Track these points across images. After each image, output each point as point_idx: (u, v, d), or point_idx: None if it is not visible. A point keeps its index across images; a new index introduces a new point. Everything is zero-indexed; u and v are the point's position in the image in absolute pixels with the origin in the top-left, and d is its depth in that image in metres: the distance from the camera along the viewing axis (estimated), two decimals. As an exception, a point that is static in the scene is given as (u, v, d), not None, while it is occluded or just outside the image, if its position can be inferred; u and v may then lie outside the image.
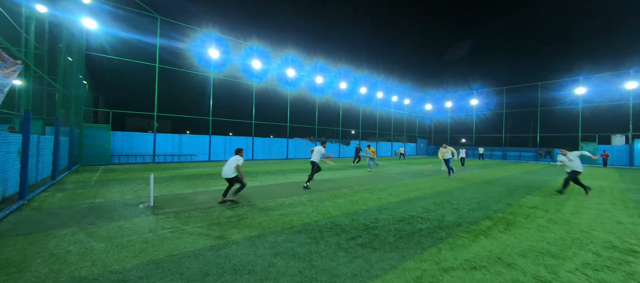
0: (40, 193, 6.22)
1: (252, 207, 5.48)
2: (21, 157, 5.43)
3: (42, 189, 6.58)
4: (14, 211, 4.70)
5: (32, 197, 5.74)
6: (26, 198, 5.36)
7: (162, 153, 16.19)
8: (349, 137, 38.96)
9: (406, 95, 34.88)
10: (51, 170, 7.99)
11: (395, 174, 12.39)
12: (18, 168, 5.69)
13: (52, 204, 5.31)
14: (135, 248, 3.27)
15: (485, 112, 33.72)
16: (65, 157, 10.21)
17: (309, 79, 23.94)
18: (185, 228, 4.06)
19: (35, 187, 6.68)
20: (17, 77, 5.13)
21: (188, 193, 6.79)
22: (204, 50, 17.52)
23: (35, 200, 5.61)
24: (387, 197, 6.89)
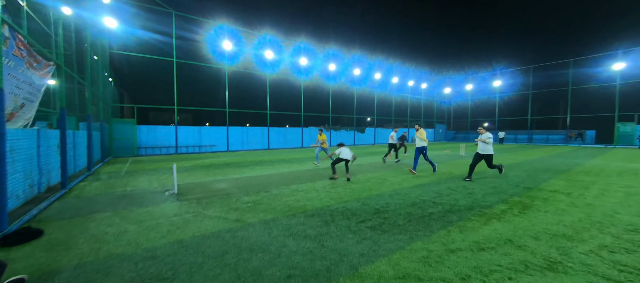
0: (79, 183, 6.87)
1: (267, 193, 5.74)
2: (60, 150, 6.00)
3: (80, 179, 7.25)
4: (58, 198, 5.27)
5: (72, 186, 6.36)
6: (67, 188, 5.96)
7: (184, 145, 17.01)
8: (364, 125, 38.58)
9: (423, 79, 33.69)
10: (87, 162, 8.74)
11: (408, 161, 12.26)
12: (59, 161, 6.31)
13: (90, 192, 5.87)
14: (163, 230, 3.60)
15: (509, 94, 31.96)
16: (98, 150, 11.05)
17: (322, 67, 23.77)
18: (206, 212, 4.37)
19: (74, 178, 7.37)
20: (51, 77, 5.60)
21: (208, 181, 7.19)
22: (217, 42, 17.85)
23: (75, 189, 6.22)
24: (400, 182, 6.91)
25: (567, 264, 2.64)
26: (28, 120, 5.21)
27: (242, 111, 19.84)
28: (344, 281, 2.35)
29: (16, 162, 4.66)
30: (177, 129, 16.61)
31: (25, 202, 4.98)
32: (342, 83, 25.66)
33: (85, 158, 8.79)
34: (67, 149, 6.08)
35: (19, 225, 3.61)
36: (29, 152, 5.19)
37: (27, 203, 4.96)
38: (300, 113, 22.32)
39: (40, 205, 4.54)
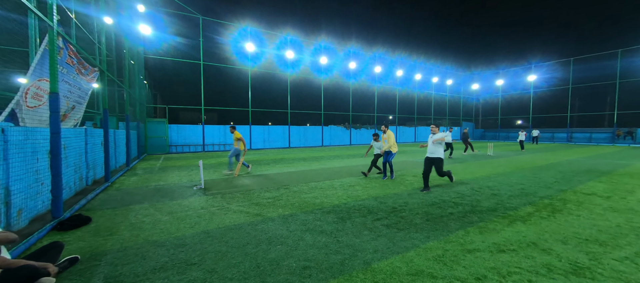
0: (119, 177, 7.57)
1: (286, 190, 5.94)
2: (104, 147, 6.67)
3: (120, 174, 7.98)
4: (102, 190, 5.88)
5: (114, 180, 7.04)
6: (110, 181, 6.61)
7: (211, 143, 17.92)
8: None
9: (449, 75, 32.29)
10: (125, 158, 9.57)
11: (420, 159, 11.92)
12: (102, 157, 7.03)
13: (129, 185, 6.47)
14: (191, 221, 3.92)
15: (545, 89, 29.65)
16: (135, 147, 12.04)
17: (342, 65, 23.71)
18: (230, 206, 4.65)
19: (115, 172, 8.14)
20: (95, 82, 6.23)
21: (234, 177, 7.57)
22: (241, 44, 18.52)
23: (116, 182, 6.88)
24: (419, 182, 6.79)
25: (596, 270, 2.50)
26: (77, 121, 5.87)
27: (264, 111, 20.42)
28: (357, 274, 2.43)
29: (68, 158, 5.27)
30: (204, 128, 17.54)
31: (76, 193, 5.63)
32: (363, 81, 25.42)
33: (124, 155, 9.62)
34: (109, 146, 6.73)
35: (71, 213, 4.12)
36: (79, 149, 5.84)
37: (77, 194, 5.60)
38: (320, 112, 22.49)
39: (88, 196, 5.11)
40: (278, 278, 2.39)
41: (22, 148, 3.57)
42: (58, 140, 3.77)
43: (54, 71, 3.67)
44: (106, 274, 2.48)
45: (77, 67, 4.66)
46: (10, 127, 3.39)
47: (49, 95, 3.66)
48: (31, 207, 3.72)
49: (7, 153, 3.34)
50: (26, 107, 3.79)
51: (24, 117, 3.84)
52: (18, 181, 3.48)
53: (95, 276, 2.45)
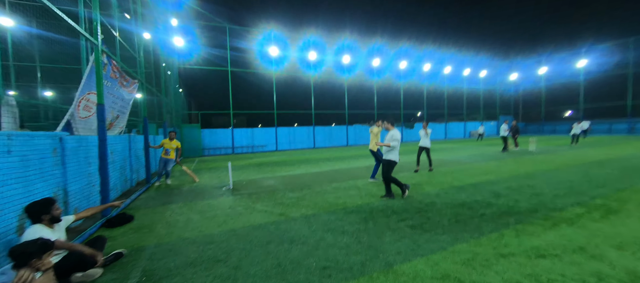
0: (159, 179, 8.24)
1: (310, 190, 5.99)
2: (144, 152, 7.31)
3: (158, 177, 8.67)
4: (144, 191, 6.44)
5: (154, 182, 7.67)
6: (150, 183, 7.23)
7: (239, 146, 18.74)
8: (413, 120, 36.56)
9: (483, 66, 30.09)
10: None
11: (463, 158, 11.22)
12: (143, 161, 7.71)
13: (167, 187, 7.01)
14: (219, 220, 4.13)
15: (599, 75, 26.34)
16: (172, 151, 13.01)
17: (366, 63, 23.33)
18: (255, 206, 4.82)
19: (154, 175, 8.86)
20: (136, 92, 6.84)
21: (258, 178, 7.84)
22: (265, 49, 19.11)
23: (156, 184, 7.49)
24: (449, 181, 6.43)
25: (660, 281, 2.16)
26: (122, 128, 6.50)
27: (289, 112, 20.84)
28: (378, 276, 2.37)
29: (115, 162, 5.87)
30: (233, 132, 18.40)
31: (122, 193, 6.24)
32: (387, 78, 24.75)
33: (163, 158, 10.45)
34: (149, 151, 7.35)
35: (117, 212, 4.57)
36: (124, 154, 6.47)
37: (123, 194, 6.20)
38: (345, 111, 22.35)
39: (132, 196, 5.63)
40: (298, 277, 2.42)
41: (76, 154, 4.05)
42: (105, 146, 4.22)
43: (100, 85, 4.11)
44: (144, 268, 2.72)
45: (119, 79, 5.18)
46: (66, 135, 3.86)
47: (97, 106, 4.11)
48: (85, 206, 4.20)
49: (65, 159, 3.81)
50: (79, 117, 4.30)
51: (78, 127, 4.35)
52: (73, 183, 3.96)
53: (135, 269, 2.70)
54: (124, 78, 5.48)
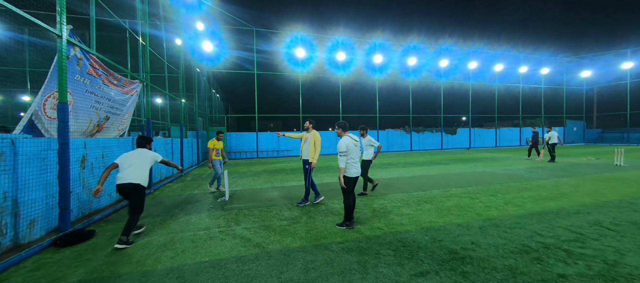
0: (167, 184, 7.92)
1: (313, 208, 4.89)
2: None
3: (170, 180, 8.41)
4: (139, 198, 6.01)
5: (159, 187, 7.33)
6: (151, 189, 6.86)
7: (264, 149, 18.43)
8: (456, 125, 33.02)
9: (544, 62, 25.69)
10: (180, 165, 10.24)
11: (522, 172, 8.99)
12: (151, 165, 7.45)
13: (164, 194, 6.55)
14: (178, 248, 3.28)
15: None
16: (194, 154, 13.03)
17: (400, 62, 21.43)
18: (236, 228, 3.89)
19: (167, 178, 8.63)
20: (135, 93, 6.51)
21: (264, 188, 6.99)
22: (292, 51, 18.62)
23: (158, 190, 7.12)
24: (501, 205, 4.75)
25: None
26: (122, 131, 6.21)
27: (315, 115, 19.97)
28: None
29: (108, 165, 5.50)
30: (257, 135, 18.18)
31: (117, 200, 5.88)
32: (424, 77, 22.40)
33: (179, 162, 10.31)
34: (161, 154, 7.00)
35: (83, 226, 4.03)
36: (122, 158, 6.14)
37: (118, 201, 5.84)
38: (376, 114, 20.71)
39: (117, 206, 5.17)
40: None
41: (37, 159, 3.58)
42: (65, 151, 3.70)
43: (63, 80, 3.62)
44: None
45: (103, 77, 4.78)
46: (22, 138, 3.40)
47: (58, 105, 3.61)
48: (45, 218, 3.70)
49: (17, 165, 3.33)
50: (47, 118, 3.88)
51: (48, 128, 3.93)
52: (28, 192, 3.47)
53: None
54: (113, 76, 5.09)
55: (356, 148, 3.84)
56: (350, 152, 3.71)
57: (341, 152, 3.67)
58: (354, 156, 3.78)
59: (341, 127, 3.95)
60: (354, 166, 3.75)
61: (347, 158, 3.69)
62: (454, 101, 25.93)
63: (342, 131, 3.93)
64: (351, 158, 3.73)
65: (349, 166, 3.72)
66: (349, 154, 3.69)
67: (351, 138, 3.80)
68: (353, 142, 3.79)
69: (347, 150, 3.67)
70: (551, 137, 12.07)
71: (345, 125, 3.96)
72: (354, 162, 3.76)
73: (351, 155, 3.73)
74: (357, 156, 3.87)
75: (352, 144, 3.76)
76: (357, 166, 3.80)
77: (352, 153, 3.73)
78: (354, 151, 3.78)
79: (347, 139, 3.76)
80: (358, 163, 3.85)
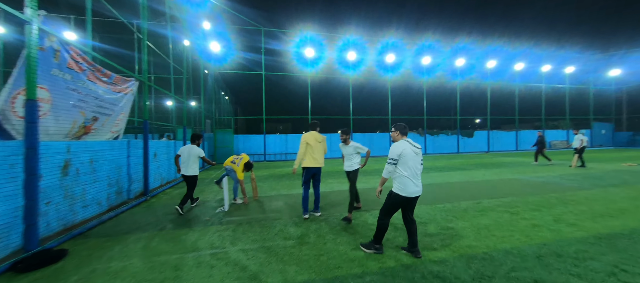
0: (166, 190, 7.42)
1: (323, 223, 4.19)
2: (143, 160, 6.49)
3: (170, 186, 7.91)
4: (130, 208, 5.49)
5: (156, 193, 6.82)
6: (147, 195, 6.35)
7: (272, 152, 17.89)
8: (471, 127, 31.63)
9: (569, 61, 24.12)
10: (183, 169, 9.75)
11: (558, 179, 8.00)
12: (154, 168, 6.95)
13: (160, 203, 6.00)
14: (157, 277, 2.65)
15: None
16: (199, 157, 12.60)
17: (413, 61, 20.50)
18: (230, 250, 3.24)
19: (169, 183, 8.14)
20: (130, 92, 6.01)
21: (268, 196, 6.35)
22: (301, 51, 18.07)
23: (157, 197, 6.60)
24: (552, 224, 3.91)
25: None
26: (116, 133, 5.72)
27: (324, 117, 19.30)
28: None
29: (97, 171, 5.00)
30: (265, 138, 17.66)
31: (109, 208, 5.36)
32: (439, 77, 21.35)
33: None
34: (149, 158, 6.51)
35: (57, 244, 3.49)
36: (115, 162, 5.65)
37: (109, 209, 5.32)
38: (388, 117, 19.84)
39: (103, 217, 4.64)
40: None
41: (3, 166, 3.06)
42: (34, 156, 3.16)
43: (31, 74, 3.09)
44: None
45: (89, 73, 4.27)
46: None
47: (26, 102, 3.08)
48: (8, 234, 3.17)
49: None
50: (18, 118, 3.37)
51: (20, 130, 3.42)
52: None
53: None
54: (101, 72, 4.58)
55: (417, 158, 2.93)
56: (406, 160, 2.85)
57: (391, 159, 2.91)
58: (412, 167, 2.87)
59: (399, 130, 3.07)
60: (413, 182, 2.86)
61: (401, 169, 2.87)
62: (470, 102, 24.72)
63: (398, 134, 3.08)
64: (408, 169, 2.85)
65: (404, 181, 2.86)
66: (404, 164, 2.85)
67: (411, 144, 2.94)
68: (412, 149, 2.91)
69: (400, 157, 2.86)
70: (583, 141, 10.96)
71: (403, 128, 3.08)
72: (410, 177, 2.85)
73: (408, 166, 2.85)
74: (418, 170, 2.93)
75: (410, 151, 2.89)
76: (417, 183, 2.89)
77: (409, 163, 2.85)
78: (411, 161, 2.87)
79: (403, 143, 2.93)
80: (418, 180, 2.92)
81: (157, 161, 7.68)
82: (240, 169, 5.53)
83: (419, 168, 2.93)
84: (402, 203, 2.93)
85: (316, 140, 4.53)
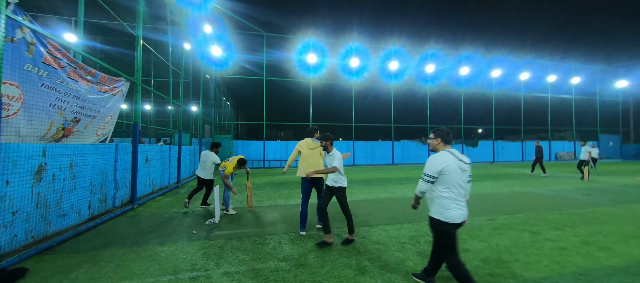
0: (156, 198, 7.00)
1: (321, 239, 3.75)
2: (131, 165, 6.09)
3: (161, 193, 7.49)
4: (111, 219, 5.07)
5: (144, 201, 6.40)
6: (136, 204, 5.93)
7: (272, 159, 17.47)
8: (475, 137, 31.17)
9: (575, 71, 23.83)
10: (176, 176, 9.34)
11: (574, 194, 7.52)
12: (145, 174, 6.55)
13: (147, 212, 5.58)
14: (123, 308, 2.22)
15: None
16: (195, 163, 12.20)
17: (416, 69, 20.22)
18: (213, 274, 2.81)
19: (161, 190, 7.72)
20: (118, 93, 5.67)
21: (264, 206, 5.92)
22: (302, 56, 17.85)
23: (144, 205, 6.18)
24: (581, 247, 3.44)
25: None
26: (102, 136, 5.35)
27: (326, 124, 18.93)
28: None
29: (78, 177, 4.60)
30: (265, 144, 17.28)
31: (90, 218, 4.94)
32: (443, 84, 21.03)
33: (175, 172, 9.43)
34: (137, 164, 6.12)
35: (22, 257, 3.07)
36: (100, 167, 5.25)
37: (92, 218, 4.90)
38: (391, 124, 19.44)
39: (81, 228, 4.22)
40: None
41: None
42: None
43: (-5, 68, 2.73)
44: None
45: (70, 70, 3.93)
46: None
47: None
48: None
49: None
50: (-18, 117, 3.00)
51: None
52: None
53: None
54: (84, 69, 4.24)
55: (463, 175, 2.23)
56: (449, 179, 2.19)
57: (427, 176, 2.27)
58: (457, 186, 2.20)
59: (440, 137, 2.36)
60: (456, 204, 2.20)
61: (442, 189, 2.22)
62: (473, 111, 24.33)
63: (440, 142, 2.36)
64: (451, 189, 2.20)
65: (444, 203, 2.20)
66: (446, 183, 2.20)
67: (456, 157, 2.24)
68: (457, 164, 2.21)
69: (441, 174, 2.20)
70: (590, 153, 10.59)
71: (446, 135, 2.36)
72: (453, 198, 2.20)
73: (451, 185, 2.19)
74: (464, 190, 2.26)
75: (456, 167, 2.20)
76: (461, 205, 2.23)
77: (452, 181, 2.18)
78: (457, 179, 2.19)
79: (446, 156, 2.24)
80: (463, 202, 2.25)
81: (148, 167, 7.29)
82: (232, 164, 5.19)
83: (465, 188, 2.25)
84: (451, 231, 2.21)
85: (308, 147, 4.14)
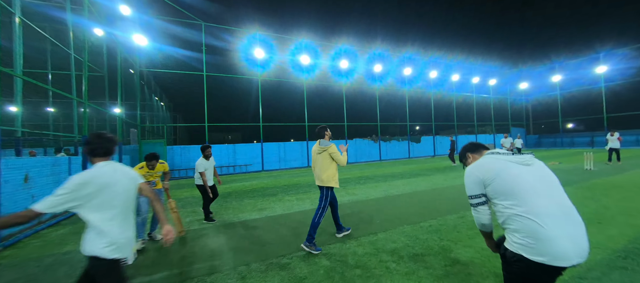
0: (45, 229, 5.04)
1: (275, 266, 2.86)
2: None
3: (58, 220, 5.49)
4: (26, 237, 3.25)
5: (23, 237, 4.47)
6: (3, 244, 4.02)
7: (217, 165, 15.54)
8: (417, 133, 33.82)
9: (492, 74, 27.85)
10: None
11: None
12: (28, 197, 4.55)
13: (27, 253, 3.81)
14: None
15: (619, 81, 24.19)
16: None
17: (366, 68, 20.72)
18: None
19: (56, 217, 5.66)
20: None
21: (202, 229, 4.69)
22: (249, 51, 16.42)
23: (25, 241, 4.30)
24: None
25: None
26: None
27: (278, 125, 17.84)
28: None
29: None
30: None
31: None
32: (390, 84, 22.10)
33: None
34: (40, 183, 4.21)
35: None
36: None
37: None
38: (344, 123, 19.43)
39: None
40: None
41: None
42: None
43: None
44: None
45: None
46: None
47: None
48: None
49: None
50: None
51: None
52: None
53: None
54: None
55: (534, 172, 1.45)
56: (507, 187, 1.39)
57: (471, 197, 1.53)
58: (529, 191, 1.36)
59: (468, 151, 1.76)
60: (555, 229, 1.28)
61: (509, 205, 1.37)
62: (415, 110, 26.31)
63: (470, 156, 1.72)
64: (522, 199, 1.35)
65: (529, 227, 1.30)
66: (506, 193, 1.39)
67: (504, 156, 1.49)
68: (510, 163, 1.46)
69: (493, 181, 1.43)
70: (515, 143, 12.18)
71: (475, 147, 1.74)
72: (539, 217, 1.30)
73: (517, 193, 1.36)
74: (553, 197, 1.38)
75: (511, 165, 1.44)
76: (566, 231, 1.30)
77: (517, 186, 1.37)
78: (523, 182, 1.39)
79: (489, 160, 1.51)
80: (568, 223, 1.32)
81: (30, 188, 5.21)
82: (143, 171, 3.96)
83: (550, 193, 1.38)
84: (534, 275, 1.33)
85: (316, 152, 3.75)
